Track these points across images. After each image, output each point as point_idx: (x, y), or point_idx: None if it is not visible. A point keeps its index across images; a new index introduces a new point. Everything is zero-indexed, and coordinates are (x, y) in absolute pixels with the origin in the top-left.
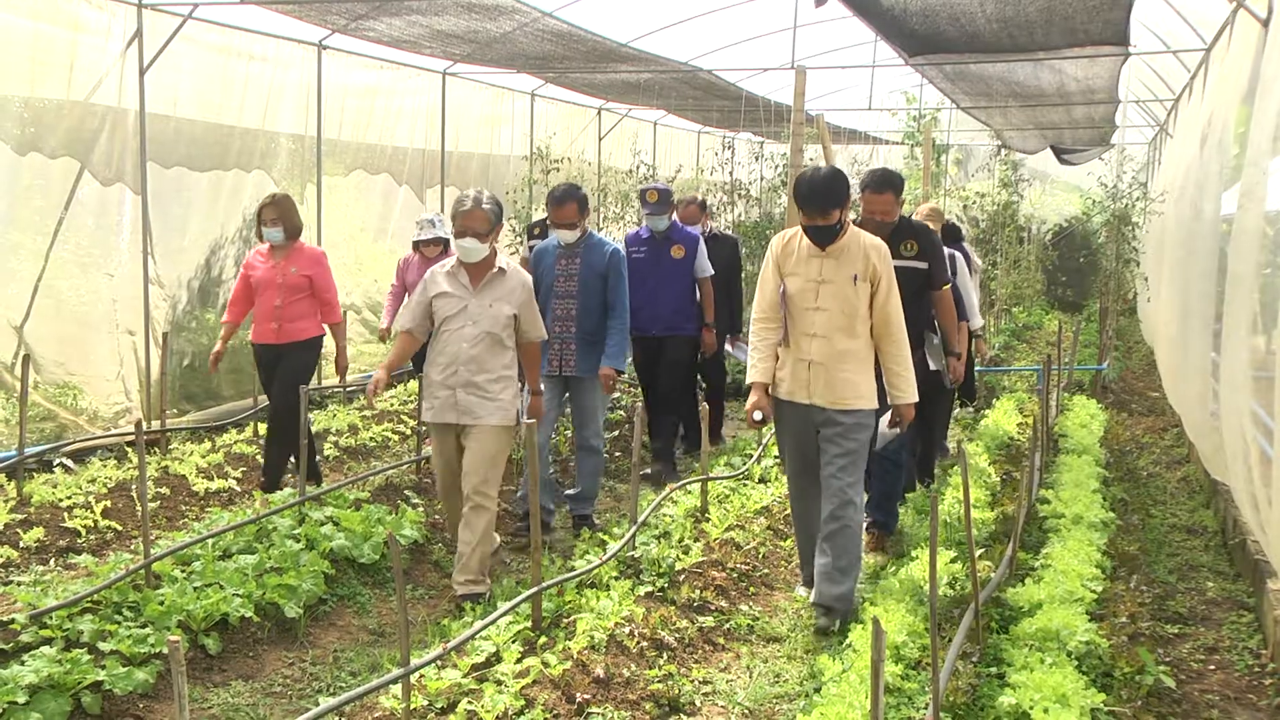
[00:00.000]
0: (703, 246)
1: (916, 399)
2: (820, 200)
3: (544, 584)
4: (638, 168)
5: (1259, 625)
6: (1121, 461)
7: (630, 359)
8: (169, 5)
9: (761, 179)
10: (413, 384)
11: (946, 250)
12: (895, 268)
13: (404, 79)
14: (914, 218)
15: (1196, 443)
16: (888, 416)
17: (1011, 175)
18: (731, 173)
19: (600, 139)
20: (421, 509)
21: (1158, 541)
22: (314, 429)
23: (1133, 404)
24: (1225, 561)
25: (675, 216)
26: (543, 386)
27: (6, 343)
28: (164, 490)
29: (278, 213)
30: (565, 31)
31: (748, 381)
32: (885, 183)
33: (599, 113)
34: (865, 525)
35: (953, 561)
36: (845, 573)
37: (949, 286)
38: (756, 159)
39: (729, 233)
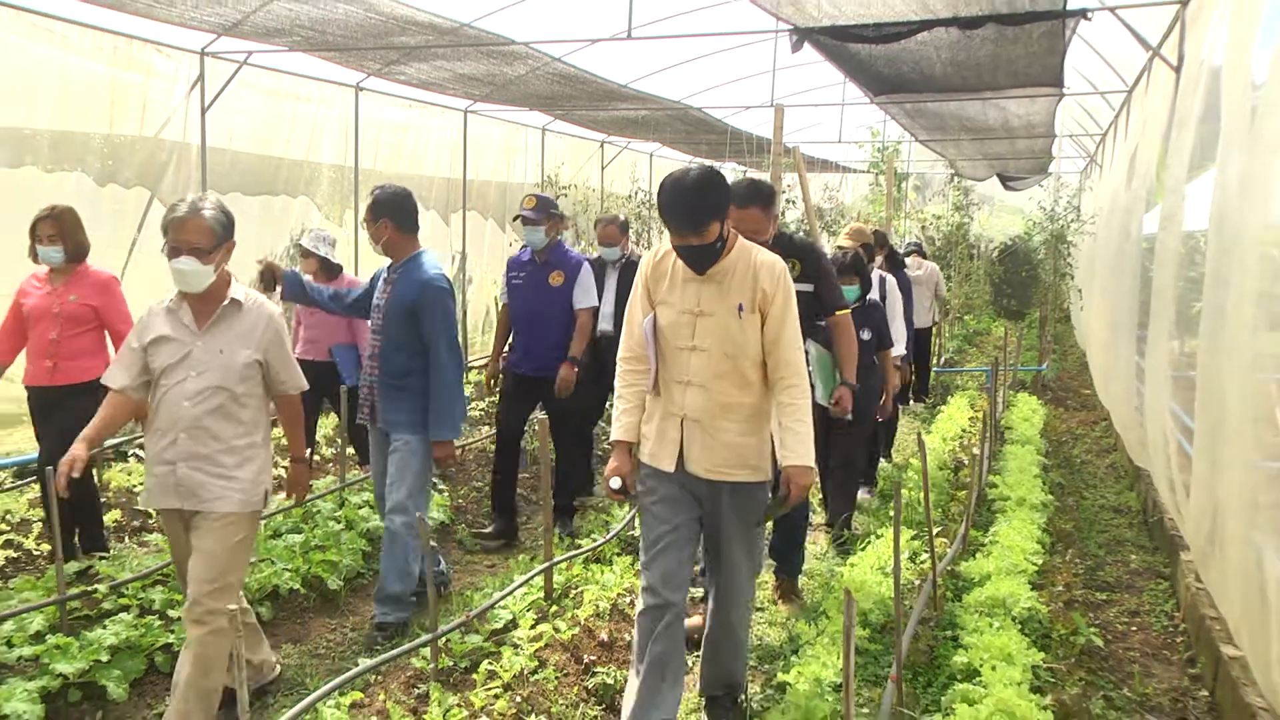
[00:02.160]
0: (587, 273)
1: (812, 461)
2: (688, 213)
3: (555, 559)
4: (636, 193)
5: (1173, 592)
6: (1059, 450)
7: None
8: (227, 53)
9: None
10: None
11: (876, 274)
12: None
13: (431, 116)
14: (843, 239)
15: (1123, 434)
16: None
17: (963, 200)
18: None
19: (603, 168)
20: (446, 494)
21: (1089, 520)
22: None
23: (1068, 400)
24: (1146, 537)
25: (583, 237)
26: (374, 453)
27: None
28: None
29: (56, 228)
30: (572, 74)
31: (611, 439)
32: (752, 195)
33: (602, 145)
34: (770, 570)
35: (914, 539)
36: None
37: (846, 312)
38: None
39: None
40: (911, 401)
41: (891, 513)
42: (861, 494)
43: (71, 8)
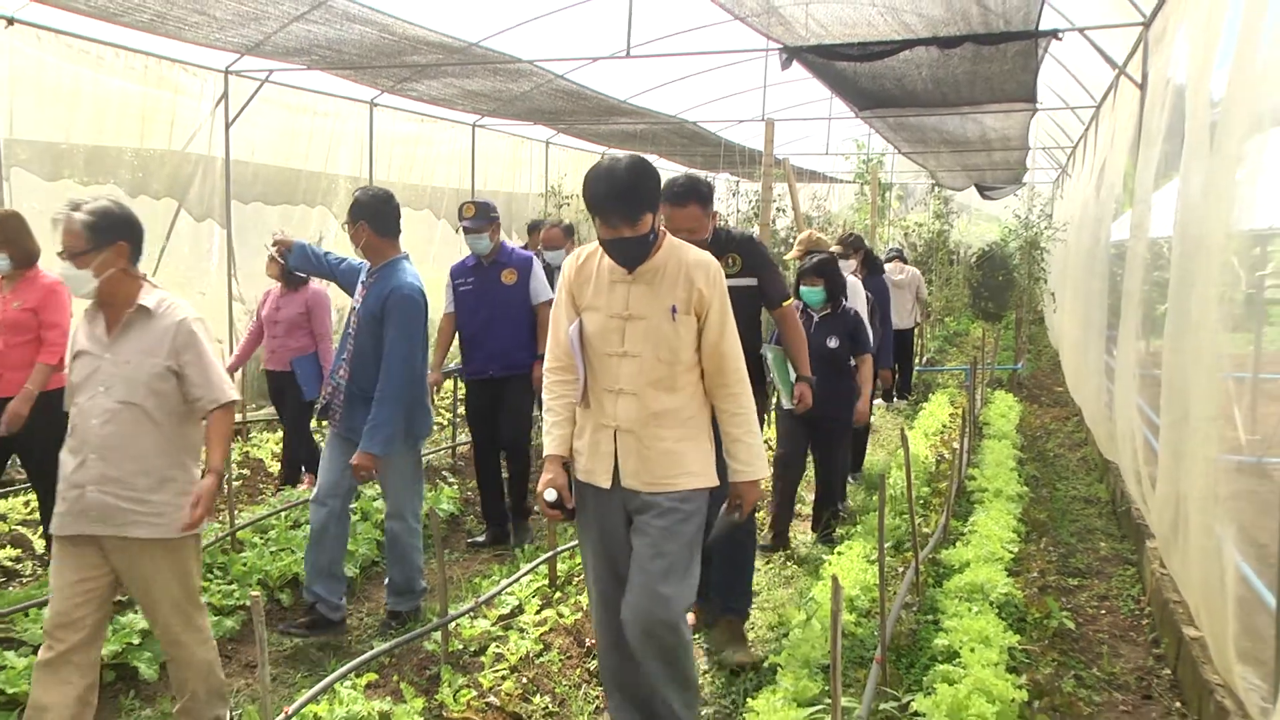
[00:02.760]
0: (539, 268)
1: (764, 473)
2: (622, 202)
3: (558, 549)
4: None
5: (1140, 577)
6: (1033, 445)
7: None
8: (250, 72)
9: (738, 211)
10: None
11: (850, 279)
12: None
13: (441, 130)
14: (793, 254)
15: (1093, 429)
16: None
17: (943, 208)
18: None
19: None
20: (456, 487)
21: (1062, 510)
22: None
23: (1042, 397)
24: (1114, 526)
25: (526, 241)
26: (328, 449)
27: None
28: (245, 471)
29: (1, 235)
30: (574, 91)
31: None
32: (687, 192)
33: (603, 158)
34: (720, 614)
35: (897, 528)
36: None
37: (792, 303)
38: (733, 195)
39: None
40: (895, 399)
41: (876, 503)
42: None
43: (106, 31)
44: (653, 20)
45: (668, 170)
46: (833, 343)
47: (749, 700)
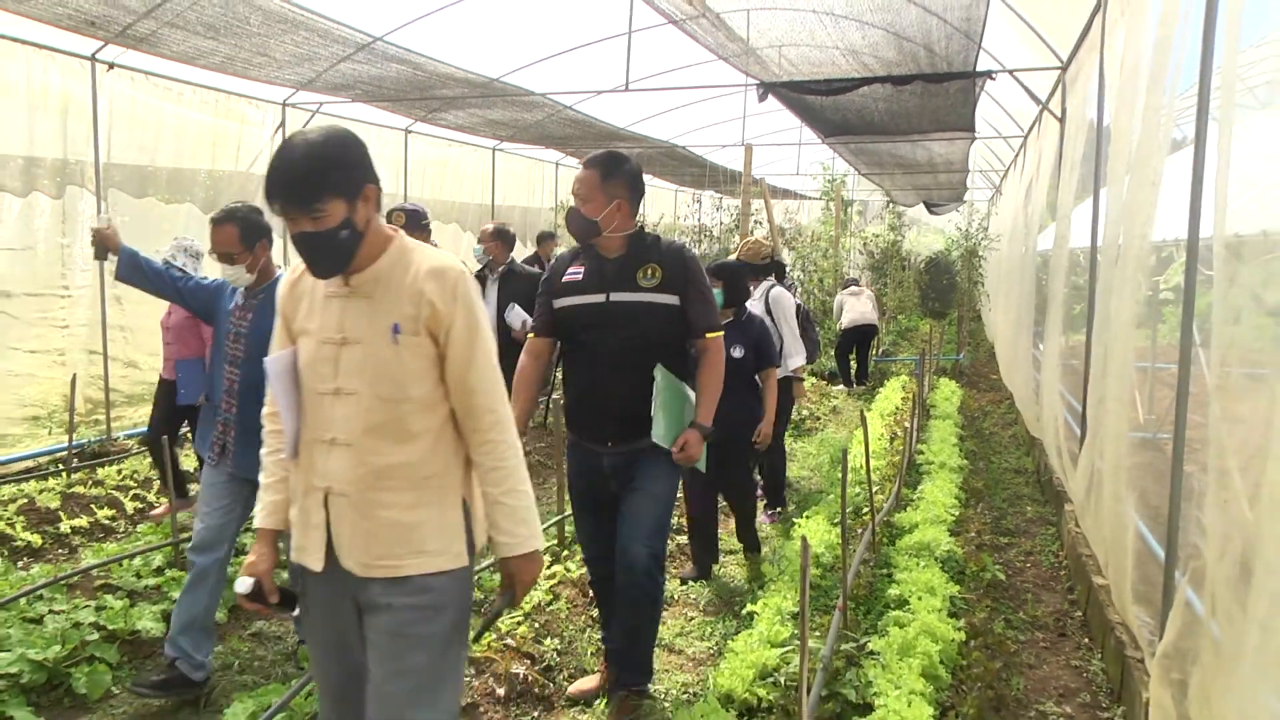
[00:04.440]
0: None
1: (536, 544)
2: (294, 183)
3: (565, 514)
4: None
5: (1059, 535)
6: (972, 424)
7: None
8: (304, 104)
9: (720, 224)
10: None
11: (764, 285)
12: (628, 303)
13: (466, 153)
14: (735, 254)
15: (1023, 411)
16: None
17: (896, 222)
18: (699, 219)
19: None
20: None
21: (996, 479)
22: None
23: (980, 383)
24: (1039, 492)
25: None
26: (214, 491)
27: None
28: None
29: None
30: (580, 120)
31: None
32: (591, 160)
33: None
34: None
35: (856, 495)
36: None
37: (718, 336)
38: (717, 209)
39: (531, 269)
40: (855, 384)
41: (839, 475)
42: (763, 518)
43: (186, 71)
44: (648, 59)
45: (659, 189)
46: (737, 352)
47: (729, 642)
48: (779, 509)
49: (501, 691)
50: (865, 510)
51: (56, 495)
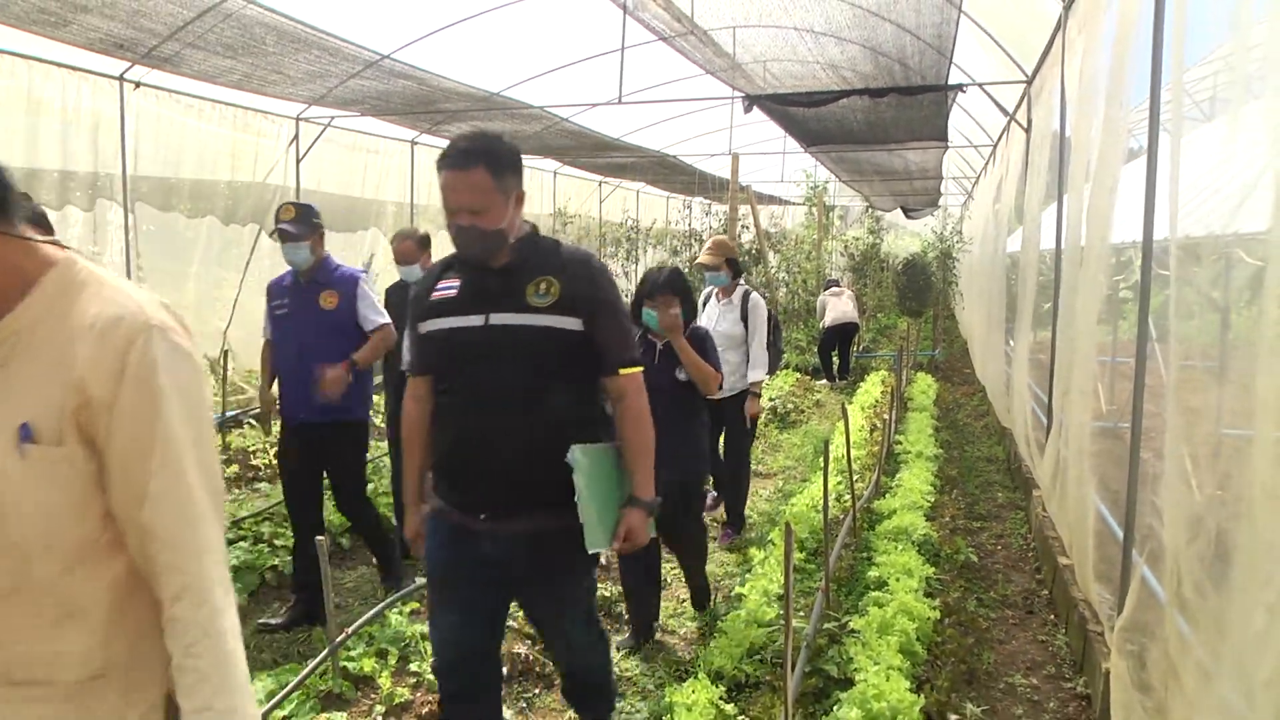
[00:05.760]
0: (368, 289)
1: None
2: None
3: None
4: (626, 221)
5: (1027, 519)
6: (947, 415)
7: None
8: (316, 118)
9: (709, 228)
10: None
11: (740, 290)
12: (514, 327)
13: None
14: (703, 255)
15: (994, 403)
16: None
17: (875, 225)
18: (690, 224)
19: (600, 203)
20: None
21: (969, 467)
22: None
23: (954, 377)
24: (1009, 479)
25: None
26: None
27: (214, 343)
28: None
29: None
30: (576, 131)
31: None
32: (469, 154)
33: (599, 184)
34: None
35: (838, 483)
36: None
37: (638, 371)
38: (706, 214)
39: None
40: (837, 379)
41: (821, 465)
42: (720, 539)
43: (206, 89)
44: (640, 74)
45: (651, 196)
46: (680, 374)
47: (719, 622)
48: (738, 532)
49: (504, 670)
50: (847, 497)
51: None
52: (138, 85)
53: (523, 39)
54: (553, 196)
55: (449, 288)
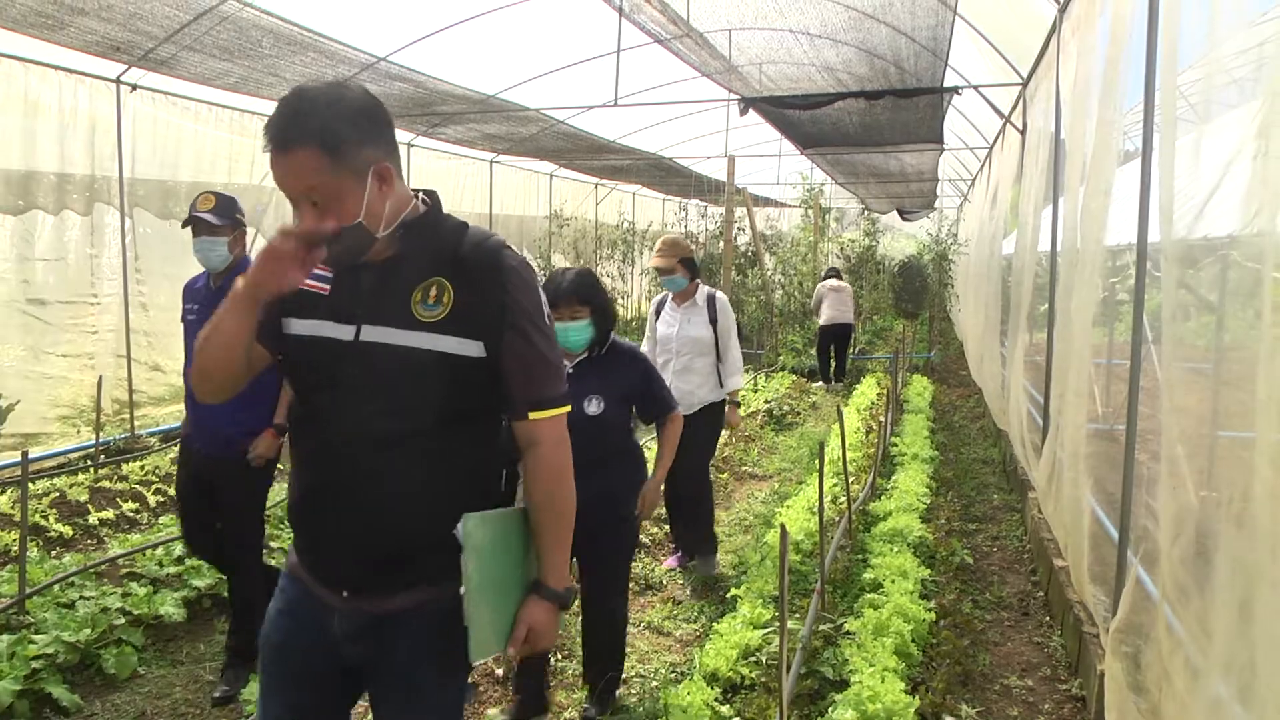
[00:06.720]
0: None
1: None
2: None
3: None
4: (622, 223)
5: (1023, 521)
6: (943, 417)
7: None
8: None
9: (706, 230)
10: None
11: (704, 291)
12: (390, 348)
13: (465, 165)
14: (654, 257)
15: (990, 404)
16: None
17: (871, 228)
18: (686, 226)
19: (597, 204)
20: None
21: (965, 469)
22: None
23: (950, 380)
24: (1005, 481)
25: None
26: None
27: None
28: None
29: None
30: (572, 133)
31: None
32: (306, 138)
33: (595, 187)
34: None
35: (834, 485)
36: None
37: (558, 413)
38: (702, 217)
39: None
40: (833, 381)
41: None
42: (670, 561)
43: (203, 91)
44: (636, 76)
45: (648, 198)
46: (594, 406)
47: (715, 625)
48: (692, 559)
49: (500, 671)
50: (842, 499)
51: (85, 489)
52: (134, 88)
53: (518, 42)
54: (549, 199)
55: (324, 276)
